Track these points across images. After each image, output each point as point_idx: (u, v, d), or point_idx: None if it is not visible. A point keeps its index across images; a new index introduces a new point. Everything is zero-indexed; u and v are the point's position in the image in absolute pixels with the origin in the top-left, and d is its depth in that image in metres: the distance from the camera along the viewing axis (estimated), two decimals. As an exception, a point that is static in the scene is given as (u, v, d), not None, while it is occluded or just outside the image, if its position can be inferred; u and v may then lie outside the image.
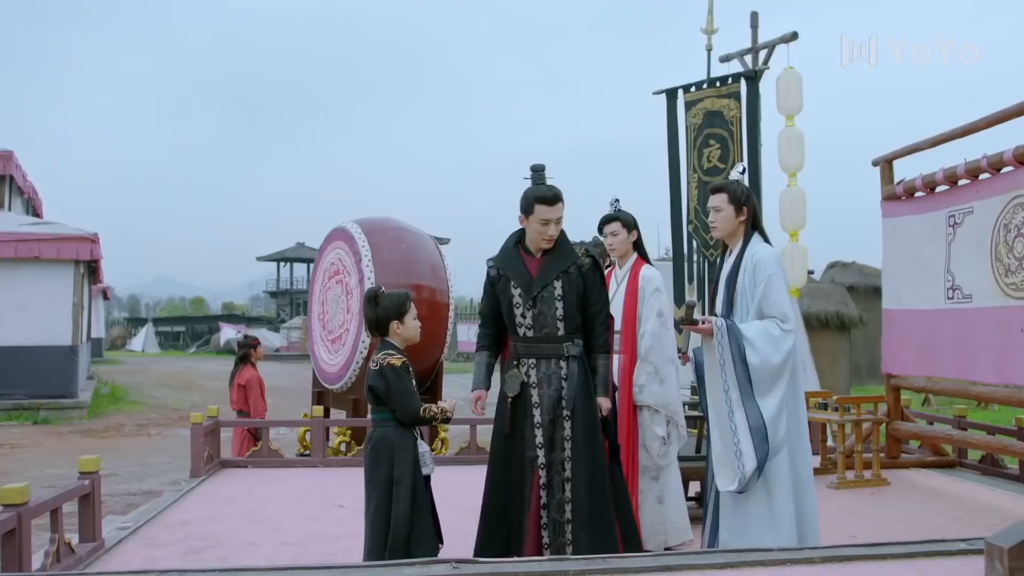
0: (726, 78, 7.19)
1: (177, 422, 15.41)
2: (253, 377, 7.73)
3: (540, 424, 3.96)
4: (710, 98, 7.17)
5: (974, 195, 5.89)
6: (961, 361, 5.94)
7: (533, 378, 4.00)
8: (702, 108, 7.21)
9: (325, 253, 8.42)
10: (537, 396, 3.99)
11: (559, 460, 3.93)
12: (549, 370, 3.99)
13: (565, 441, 3.93)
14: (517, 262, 4.07)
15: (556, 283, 3.97)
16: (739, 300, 3.68)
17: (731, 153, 7.03)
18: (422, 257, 7.97)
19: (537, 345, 4.01)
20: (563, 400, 3.95)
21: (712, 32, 7.55)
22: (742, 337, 3.55)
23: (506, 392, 4.02)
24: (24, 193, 18.55)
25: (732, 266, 3.76)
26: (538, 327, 3.98)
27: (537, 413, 3.97)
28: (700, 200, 7.21)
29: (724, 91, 7.10)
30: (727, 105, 7.04)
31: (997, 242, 5.57)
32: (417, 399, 3.80)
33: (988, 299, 5.65)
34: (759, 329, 3.58)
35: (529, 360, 4.03)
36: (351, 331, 7.73)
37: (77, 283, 15.31)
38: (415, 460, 3.78)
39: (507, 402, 4.01)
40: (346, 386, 7.77)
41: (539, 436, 3.95)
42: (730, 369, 3.54)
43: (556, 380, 3.98)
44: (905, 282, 6.62)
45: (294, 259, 54.79)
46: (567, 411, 3.94)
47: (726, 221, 3.75)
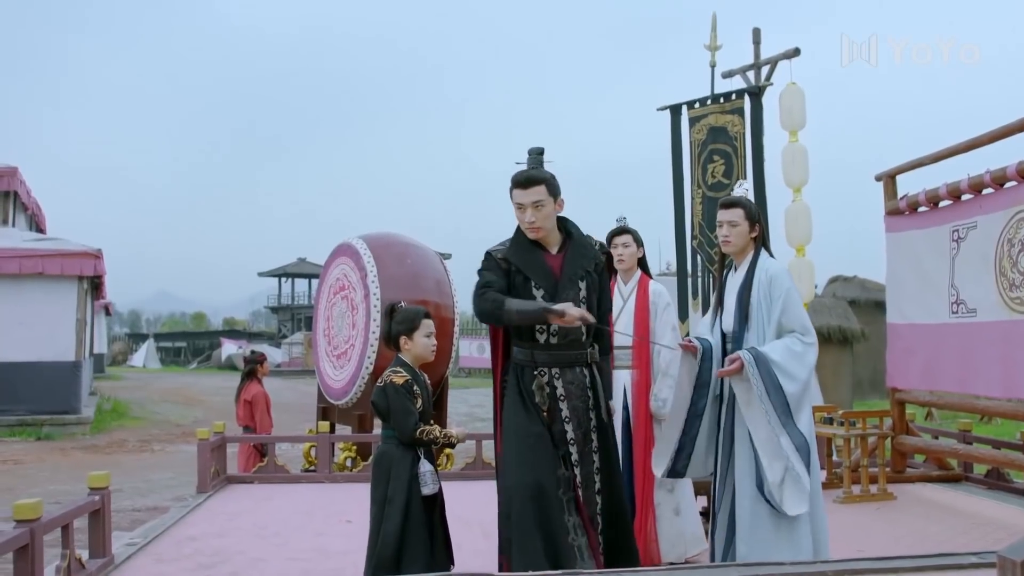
0: (730, 94, 7.25)
1: (180, 438, 15.40)
2: (259, 393, 7.74)
3: (573, 440, 3.69)
4: (714, 114, 7.22)
5: (977, 210, 5.92)
6: (966, 375, 5.96)
7: (560, 390, 3.69)
8: (706, 124, 7.26)
9: (330, 269, 8.45)
10: (568, 410, 3.69)
11: (589, 473, 3.70)
12: (574, 379, 3.72)
13: (594, 453, 3.71)
14: (536, 260, 3.73)
15: (581, 284, 3.72)
16: (754, 314, 3.71)
17: (735, 169, 7.08)
18: (427, 273, 8.00)
19: (561, 353, 3.70)
20: (591, 412, 3.71)
21: (716, 48, 7.61)
22: (771, 363, 3.58)
23: (540, 405, 3.68)
24: (28, 209, 18.61)
25: (743, 281, 3.79)
26: (563, 333, 3.67)
27: (570, 428, 3.70)
28: (704, 216, 7.25)
29: (728, 107, 7.16)
30: (731, 121, 7.09)
31: (1001, 256, 5.59)
32: (413, 419, 3.77)
33: (993, 313, 5.67)
34: (783, 350, 3.62)
35: (552, 369, 3.70)
36: (356, 346, 7.75)
37: (81, 299, 15.34)
38: (411, 479, 3.76)
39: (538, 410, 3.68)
40: (351, 401, 7.78)
41: (573, 453, 3.68)
42: (766, 399, 3.56)
43: (581, 390, 3.72)
44: (909, 296, 6.64)
45: (295, 274, 54.87)
46: (596, 422, 3.72)
47: (740, 236, 3.79)
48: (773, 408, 3.53)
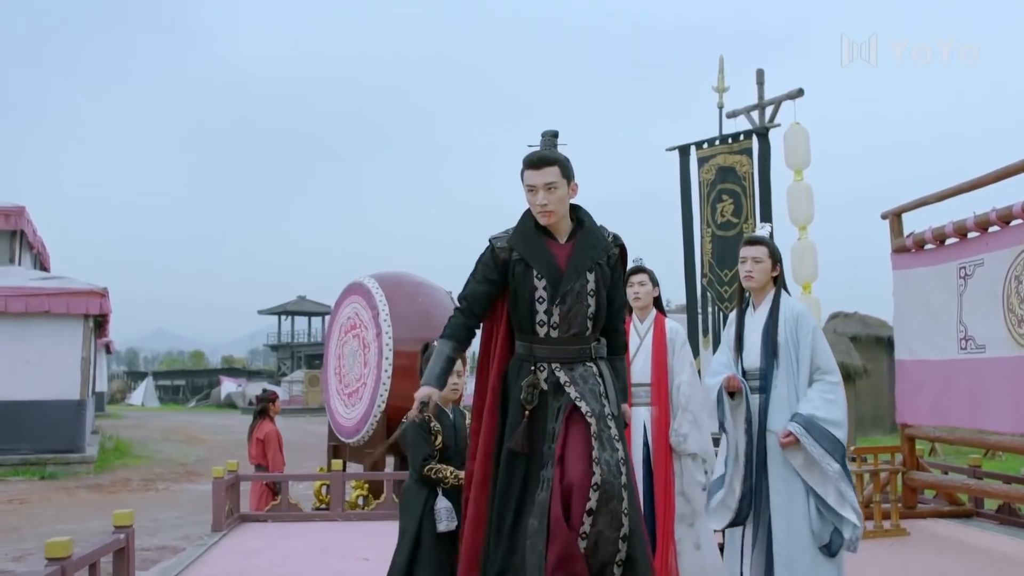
0: (738, 135, 7.38)
1: (183, 477, 15.37)
2: (272, 431, 7.78)
3: (592, 413, 3.33)
4: (722, 154, 7.35)
5: (984, 247, 6.01)
6: (976, 410, 6.01)
7: (564, 378, 3.40)
8: (715, 164, 7.38)
9: (341, 307, 8.52)
10: (576, 392, 3.37)
11: (614, 460, 3.29)
12: (580, 368, 3.44)
13: (616, 441, 3.35)
14: (540, 247, 3.47)
15: (589, 275, 3.44)
16: (783, 352, 3.82)
17: (744, 208, 7.19)
18: (437, 311, 8.07)
19: (563, 347, 3.44)
20: (603, 396, 3.40)
21: (723, 90, 7.76)
22: (820, 422, 3.75)
23: (523, 403, 3.38)
24: (33, 247, 18.71)
25: (768, 319, 3.88)
26: (565, 327, 3.42)
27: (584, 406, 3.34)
28: (714, 254, 7.35)
29: (736, 147, 7.29)
30: (739, 161, 7.22)
31: (1009, 293, 5.68)
32: (422, 456, 3.85)
33: (1002, 349, 5.74)
34: (821, 402, 3.76)
35: (552, 364, 3.44)
36: (368, 384, 7.80)
37: (86, 337, 15.39)
38: (424, 514, 3.82)
39: (524, 412, 3.39)
40: (363, 439, 7.81)
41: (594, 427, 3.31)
42: (827, 458, 3.69)
43: (591, 377, 3.43)
44: (917, 333, 6.72)
45: (295, 312, 54.92)
46: (611, 411, 3.40)
47: (764, 273, 3.90)
48: (833, 460, 3.66)
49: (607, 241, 3.54)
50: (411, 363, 7.60)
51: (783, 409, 3.76)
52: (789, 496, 3.74)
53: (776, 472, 3.75)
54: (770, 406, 3.79)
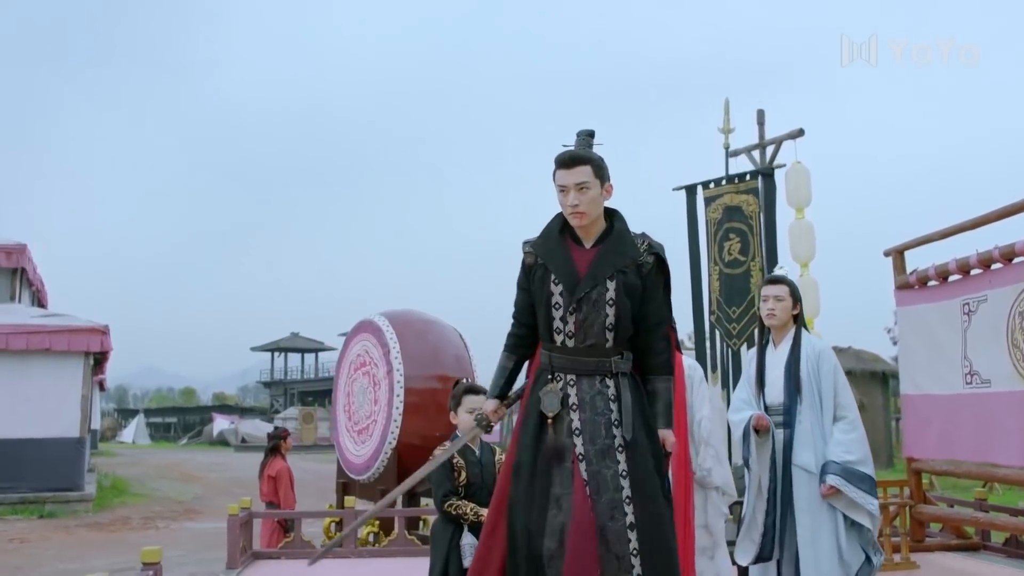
0: (744, 175, 7.55)
1: (183, 515, 15.31)
2: (283, 469, 7.82)
3: (583, 456, 3.16)
4: (729, 194, 7.51)
5: (987, 284, 6.15)
6: (983, 444, 6.12)
7: (573, 398, 3.23)
8: (721, 203, 7.54)
9: (351, 345, 8.60)
10: (578, 421, 3.20)
11: (614, 502, 3.11)
12: (593, 389, 3.24)
13: (620, 478, 3.13)
14: (562, 252, 3.31)
15: (609, 283, 3.23)
16: (806, 388, 3.95)
17: (751, 246, 7.33)
18: (447, 348, 8.18)
19: (578, 358, 3.26)
20: (614, 425, 3.19)
21: (729, 131, 7.94)
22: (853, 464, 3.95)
23: (544, 411, 3.24)
24: (32, 285, 18.76)
25: (790, 355, 4.01)
26: (581, 336, 3.25)
27: (579, 443, 3.18)
28: (721, 291, 7.49)
29: (742, 187, 7.45)
30: (746, 200, 7.38)
31: (1013, 328, 5.81)
32: (442, 492, 3.94)
33: (1007, 384, 5.86)
34: (849, 443, 3.97)
35: (568, 376, 3.27)
36: (379, 422, 7.86)
37: (86, 375, 15.39)
38: (451, 549, 3.90)
39: (541, 423, 3.26)
40: (374, 476, 7.86)
41: (583, 472, 3.15)
42: (867, 496, 3.83)
43: (602, 402, 3.23)
44: (922, 368, 6.84)
45: (288, 349, 54.80)
46: (621, 439, 3.18)
47: (785, 311, 4.04)
48: (872, 498, 3.81)
49: (636, 248, 3.31)
50: (422, 400, 7.73)
51: (808, 444, 3.88)
52: (815, 529, 3.85)
53: (802, 506, 3.86)
54: (795, 441, 3.91)
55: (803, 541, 3.82)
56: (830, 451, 3.83)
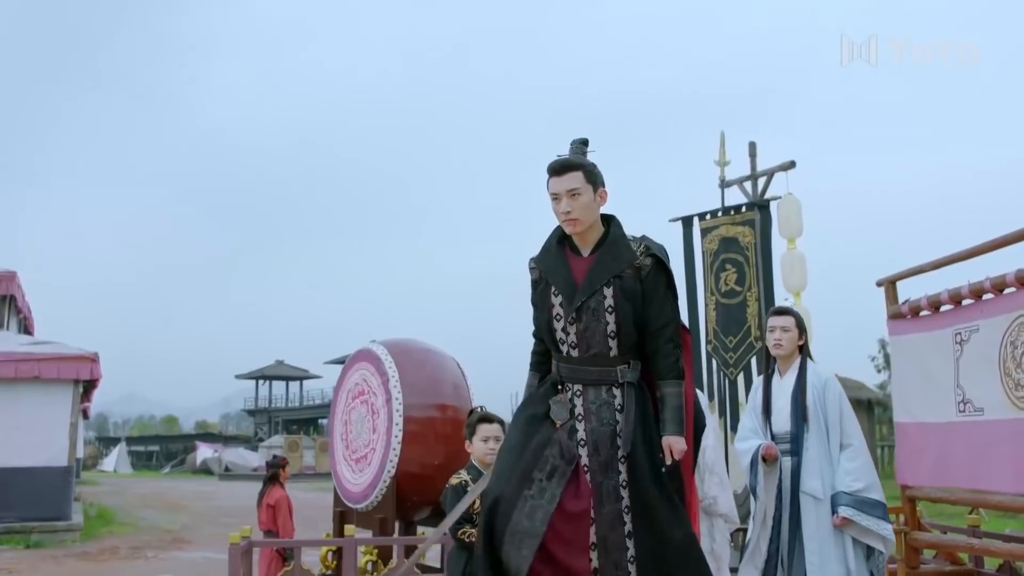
0: (740, 207, 7.71)
1: (171, 544, 15.19)
2: (282, 497, 7.84)
3: (588, 468, 3.19)
4: (725, 225, 7.68)
5: (979, 314, 6.27)
6: (977, 471, 6.20)
7: (579, 408, 3.25)
8: (718, 235, 7.70)
9: (349, 374, 8.65)
10: (584, 432, 3.22)
11: (614, 512, 3.13)
12: (599, 399, 3.26)
13: (621, 488, 3.16)
14: (560, 263, 3.32)
15: (606, 290, 3.23)
16: (812, 416, 4.06)
17: (747, 277, 7.48)
18: (445, 377, 8.23)
19: (583, 368, 3.27)
20: (618, 436, 3.19)
21: (725, 164, 8.11)
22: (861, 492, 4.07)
23: (554, 418, 3.26)
24: (20, 312, 18.69)
25: (796, 385, 4.11)
26: (584, 346, 3.26)
27: (584, 454, 3.20)
28: (718, 321, 7.62)
29: (738, 219, 7.61)
30: (742, 232, 7.54)
31: (1005, 358, 5.92)
32: (459, 520, 4.01)
33: (1000, 412, 5.96)
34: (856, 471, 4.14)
35: (574, 386, 3.28)
36: (377, 450, 7.90)
37: (75, 403, 15.32)
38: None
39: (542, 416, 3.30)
40: (372, 505, 7.88)
41: (587, 482, 3.19)
42: (881, 523, 3.93)
43: (608, 412, 3.23)
44: (915, 397, 6.93)
45: (273, 377, 54.55)
46: (623, 452, 3.18)
47: (791, 341, 4.15)
48: (885, 523, 3.91)
49: (631, 251, 3.29)
50: (420, 429, 7.77)
51: (815, 471, 3.98)
52: (824, 555, 3.94)
53: (810, 532, 3.95)
54: (802, 468, 4.01)
55: (812, 567, 3.91)
56: (839, 481, 3.93)
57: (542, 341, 3.47)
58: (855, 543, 3.91)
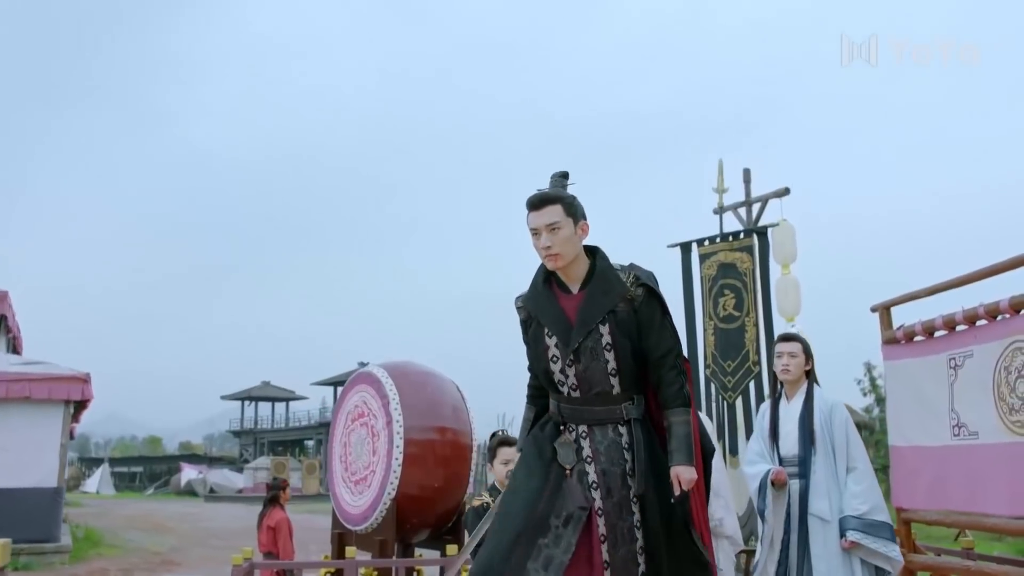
0: (738, 233, 7.84)
1: (161, 566, 15.10)
2: (283, 519, 7.87)
3: (603, 511, 3.10)
4: (723, 251, 7.80)
5: (972, 340, 6.40)
6: (972, 494, 6.31)
7: (587, 450, 3.16)
8: (716, 260, 7.83)
9: (348, 396, 8.70)
10: (595, 474, 3.13)
11: (629, 554, 3.07)
12: (607, 439, 3.18)
13: (636, 529, 3.10)
14: (549, 302, 3.23)
15: (602, 328, 3.14)
16: (819, 440, 4.17)
17: (745, 302, 7.59)
18: (445, 399, 8.29)
19: (587, 409, 3.20)
20: (629, 476, 3.13)
21: (723, 191, 8.24)
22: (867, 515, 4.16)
23: (562, 463, 3.17)
24: (10, 332, 18.59)
25: (803, 409, 4.22)
26: (586, 387, 3.19)
27: (598, 497, 3.12)
28: (716, 345, 7.72)
29: (736, 245, 7.74)
30: (740, 258, 7.66)
31: (999, 383, 6.05)
32: (477, 540, 4.09)
33: (994, 436, 6.08)
34: (862, 494, 4.22)
35: (579, 427, 3.21)
36: (378, 473, 7.94)
37: (66, 424, 15.25)
38: None
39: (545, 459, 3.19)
40: (372, 527, 7.90)
41: (601, 527, 3.09)
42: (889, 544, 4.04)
43: (617, 452, 3.16)
44: (910, 420, 7.05)
45: (259, 398, 54.30)
46: (635, 492, 3.12)
47: (799, 367, 4.26)
48: (893, 544, 4.00)
49: (621, 283, 3.20)
50: (421, 452, 7.83)
51: (822, 493, 4.08)
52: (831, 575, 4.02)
53: (818, 552, 4.04)
54: (810, 491, 4.11)
55: None
56: (846, 504, 4.03)
57: (536, 375, 3.40)
58: (863, 564, 4.00)
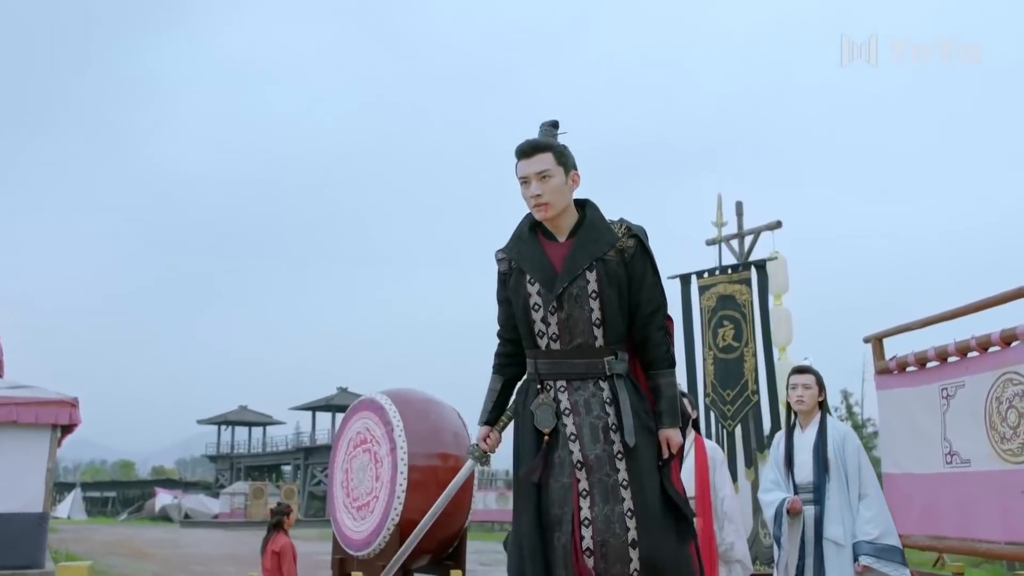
0: (737, 266, 8.08)
1: (146, 593, 15.02)
2: (287, 544, 7.93)
3: (582, 463, 2.91)
4: (722, 283, 8.02)
5: (964, 371, 6.64)
6: (965, 520, 6.53)
7: (565, 403, 2.97)
8: (715, 292, 8.05)
9: (350, 423, 8.80)
10: (573, 426, 2.95)
11: (615, 515, 2.86)
12: (586, 392, 2.98)
13: (622, 488, 2.88)
14: (534, 249, 3.07)
15: (589, 274, 2.98)
16: (833, 467, 4.35)
17: (744, 333, 7.81)
18: (446, 426, 8.43)
19: (566, 361, 3.00)
20: (611, 430, 2.92)
21: (722, 225, 8.47)
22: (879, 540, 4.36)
23: (538, 426, 2.98)
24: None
25: (817, 438, 4.42)
26: (567, 337, 2.99)
27: (576, 449, 2.93)
28: (716, 375, 7.93)
29: (736, 277, 7.97)
30: (739, 290, 7.89)
31: (991, 412, 6.29)
32: None
33: (986, 464, 6.31)
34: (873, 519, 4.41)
35: (557, 383, 3.01)
36: (381, 499, 8.04)
37: (52, 448, 15.14)
38: None
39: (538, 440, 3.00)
40: (374, 552, 8.00)
41: (582, 481, 2.91)
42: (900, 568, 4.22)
43: (598, 405, 2.96)
44: (903, 448, 7.28)
45: (236, 422, 53.89)
46: (621, 446, 2.91)
47: (812, 397, 4.46)
48: (904, 567, 4.17)
49: (613, 233, 3.05)
50: (423, 478, 7.95)
51: (837, 518, 4.27)
52: None
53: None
54: (825, 516, 4.30)
55: None
56: (859, 529, 4.23)
57: (508, 341, 3.23)
58: None
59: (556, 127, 3.10)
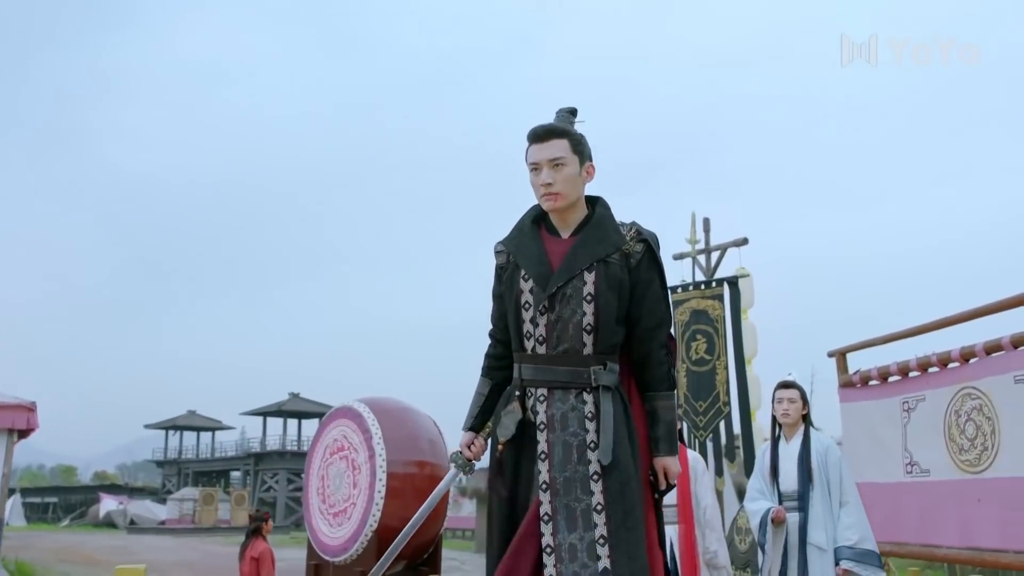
0: (710, 282, 8.37)
1: (104, 600, 14.88)
2: (266, 550, 8.01)
3: (548, 485, 2.65)
4: (696, 298, 8.31)
5: (925, 385, 7.00)
6: (925, 527, 6.88)
7: (541, 417, 2.72)
8: (689, 307, 8.33)
9: (327, 430, 8.89)
10: (545, 443, 2.68)
11: (584, 543, 2.58)
12: (566, 404, 2.72)
13: (594, 513, 2.60)
14: (533, 244, 2.84)
15: (587, 275, 2.74)
16: (816, 477, 4.61)
17: (716, 347, 8.09)
18: (423, 434, 8.56)
19: (550, 368, 2.75)
20: (589, 449, 2.65)
21: (695, 242, 8.76)
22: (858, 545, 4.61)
23: (498, 434, 2.79)
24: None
25: (801, 449, 4.68)
26: (553, 340, 2.75)
27: (544, 469, 2.68)
28: (689, 387, 8.19)
29: (709, 293, 8.26)
30: (712, 305, 8.18)
31: (950, 424, 6.64)
32: None
33: (945, 473, 6.66)
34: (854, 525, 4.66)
35: (538, 391, 2.76)
36: (359, 505, 8.15)
37: (8, 454, 14.93)
38: None
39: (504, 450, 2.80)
40: (351, 558, 8.09)
41: (544, 504, 2.64)
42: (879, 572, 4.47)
43: (576, 420, 2.70)
44: (865, 458, 7.62)
45: (185, 427, 53.14)
46: (596, 466, 2.64)
47: (797, 411, 4.73)
48: (880, 570, 4.43)
49: (620, 235, 2.81)
50: (401, 485, 8.08)
51: (820, 525, 4.53)
52: None
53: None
54: (809, 523, 4.56)
55: None
56: (839, 535, 4.50)
57: (499, 342, 3.00)
58: None
59: (574, 115, 2.91)
